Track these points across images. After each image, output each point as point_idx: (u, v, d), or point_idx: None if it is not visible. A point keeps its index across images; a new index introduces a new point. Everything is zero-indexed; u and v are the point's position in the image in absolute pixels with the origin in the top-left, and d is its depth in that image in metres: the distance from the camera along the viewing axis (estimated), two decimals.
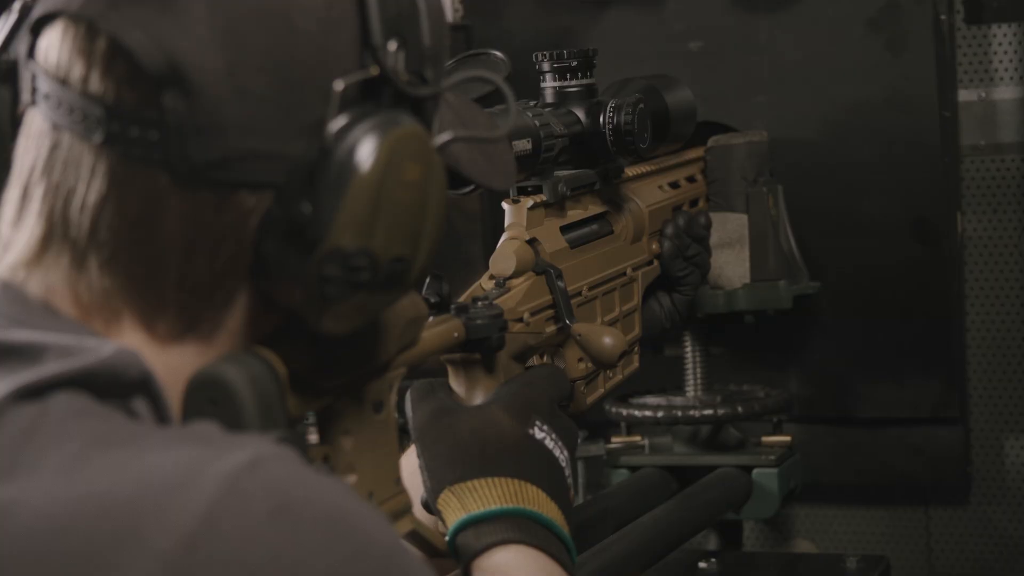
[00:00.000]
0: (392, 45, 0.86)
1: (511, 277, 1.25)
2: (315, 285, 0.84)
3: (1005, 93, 1.80)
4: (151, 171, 0.82)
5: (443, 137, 0.90)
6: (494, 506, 1.09)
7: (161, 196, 0.82)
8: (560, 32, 1.86)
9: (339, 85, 0.84)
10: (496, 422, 1.13)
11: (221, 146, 0.82)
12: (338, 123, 0.84)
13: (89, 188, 0.83)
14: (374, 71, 0.86)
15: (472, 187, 1.13)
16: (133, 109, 0.82)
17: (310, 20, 0.84)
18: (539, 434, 1.14)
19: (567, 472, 1.15)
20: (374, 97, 0.86)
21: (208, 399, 0.85)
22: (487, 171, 1.01)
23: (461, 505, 1.09)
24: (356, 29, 0.86)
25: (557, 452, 1.14)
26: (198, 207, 0.83)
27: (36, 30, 0.85)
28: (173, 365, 0.85)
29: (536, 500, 1.10)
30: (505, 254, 1.26)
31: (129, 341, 0.84)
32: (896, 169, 1.76)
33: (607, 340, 1.25)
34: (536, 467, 1.12)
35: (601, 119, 1.38)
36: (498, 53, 1.20)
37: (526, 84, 1.38)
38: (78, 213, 0.83)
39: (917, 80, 1.75)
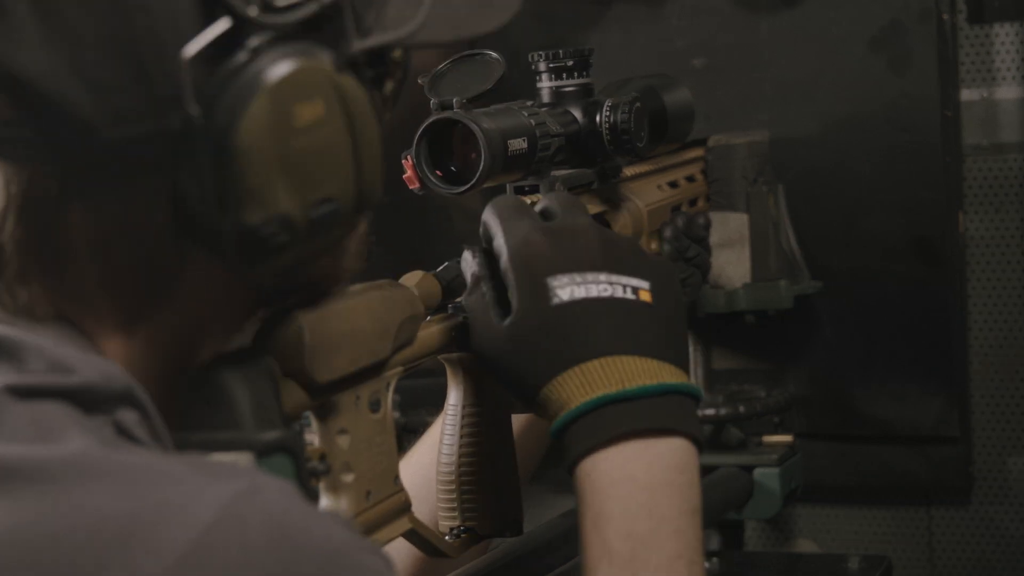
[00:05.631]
0: None
1: None
2: (236, 261, 0.80)
3: (1007, 93, 1.80)
4: (42, 180, 0.80)
5: (374, 40, 0.82)
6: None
7: (57, 202, 0.81)
8: (558, 34, 1.86)
9: (192, 48, 0.76)
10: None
11: (96, 143, 0.77)
12: (208, 90, 0.76)
13: None
14: (226, 22, 0.77)
15: (471, 185, 1.12)
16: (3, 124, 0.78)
17: None
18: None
19: None
20: (241, 46, 0.77)
21: (202, 399, 0.84)
22: (473, 18, 0.90)
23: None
24: None
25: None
26: (97, 206, 0.81)
27: None
28: (140, 355, 0.84)
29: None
30: None
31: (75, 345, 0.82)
32: (898, 169, 1.75)
33: None
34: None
35: (598, 118, 1.37)
36: (493, 53, 1.19)
37: (524, 84, 1.38)
38: None
39: (919, 80, 1.74)
